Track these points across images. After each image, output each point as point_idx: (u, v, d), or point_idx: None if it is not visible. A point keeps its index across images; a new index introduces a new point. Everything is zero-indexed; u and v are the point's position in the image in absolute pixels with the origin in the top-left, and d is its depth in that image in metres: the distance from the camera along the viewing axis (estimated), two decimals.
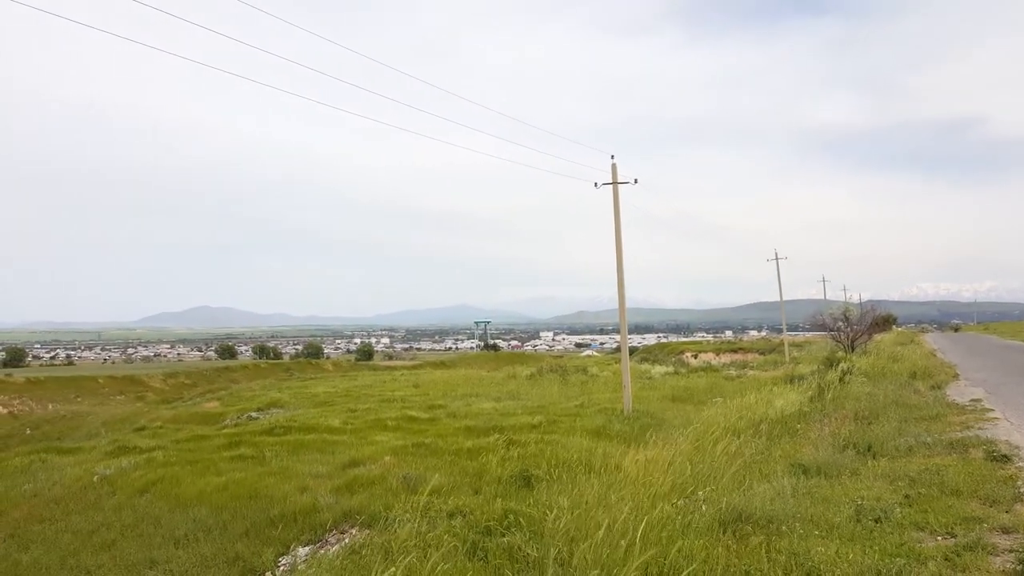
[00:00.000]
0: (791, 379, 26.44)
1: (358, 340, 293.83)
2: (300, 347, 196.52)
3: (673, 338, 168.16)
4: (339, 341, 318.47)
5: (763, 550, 6.76)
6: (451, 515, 9.55)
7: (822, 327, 45.63)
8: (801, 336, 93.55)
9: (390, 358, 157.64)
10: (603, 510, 7.53)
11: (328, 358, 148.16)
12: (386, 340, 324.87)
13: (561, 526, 7.51)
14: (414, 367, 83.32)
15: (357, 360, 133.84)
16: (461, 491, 11.24)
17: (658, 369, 43.11)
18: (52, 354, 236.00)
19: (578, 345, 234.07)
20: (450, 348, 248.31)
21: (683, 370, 43.65)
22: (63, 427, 39.00)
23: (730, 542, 7.13)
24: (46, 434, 36.14)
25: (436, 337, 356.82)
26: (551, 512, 8.06)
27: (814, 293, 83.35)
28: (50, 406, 76.97)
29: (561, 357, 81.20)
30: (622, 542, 6.44)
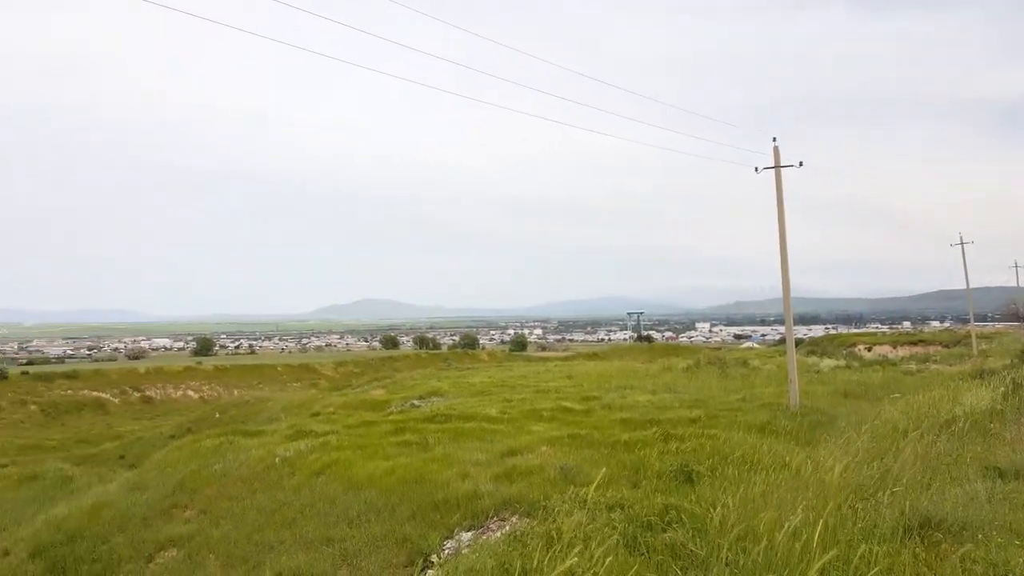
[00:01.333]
0: (980, 374, 24.64)
1: (511, 331, 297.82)
2: (457, 338, 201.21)
3: (842, 329, 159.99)
4: (493, 332, 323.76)
5: (957, 559, 6.30)
6: (610, 508, 9.59)
7: (1015, 317, 42.38)
8: (990, 327, 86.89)
9: (543, 349, 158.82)
10: (772, 510, 7.35)
11: (483, 348, 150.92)
12: (539, 331, 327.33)
13: (730, 525, 7.38)
14: (567, 358, 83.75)
15: (511, 351, 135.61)
16: (619, 484, 11.26)
17: (827, 362, 41.25)
18: (236, 344, 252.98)
19: (737, 337, 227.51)
20: (602, 339, 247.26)
21: (855, 363, 41.55)
22: (247, 411, 41.84)
23: (917, 549, 6.76)
24: (232, 418, 38.93)
25: (588, 328, 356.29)
26: (715, 509, 7.96)
27: (1005, 280, 76.95)
28: (235, 392, 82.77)
29: (719, 349, 79.32)
30: (796, 544, 6.25)
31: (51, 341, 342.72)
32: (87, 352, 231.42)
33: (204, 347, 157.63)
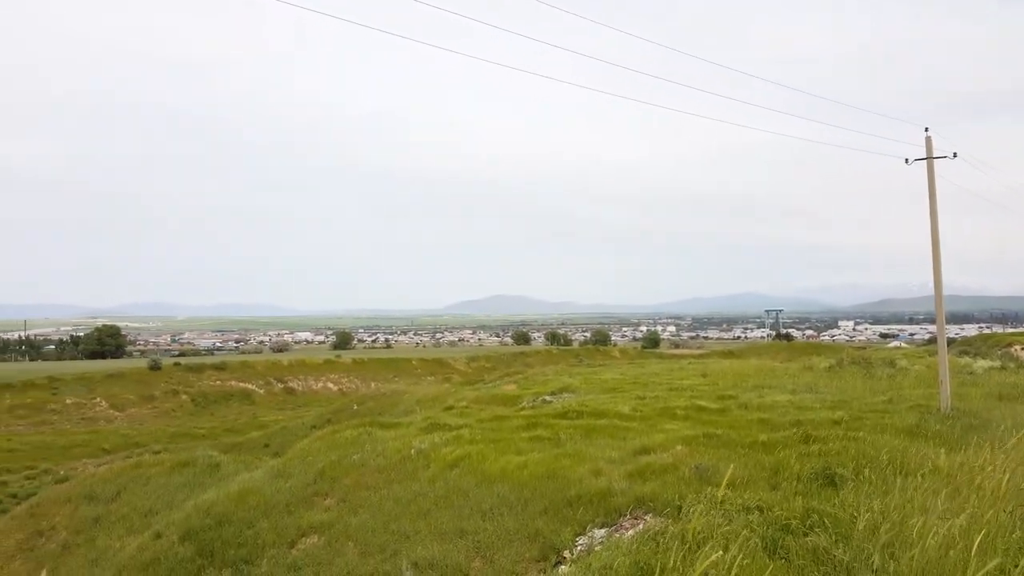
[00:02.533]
0: None
1: (644, 328, 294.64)
2: (588, 334, 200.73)
3: (997, 329, 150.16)
4: (625, 329, 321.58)
5: None
6: (747, 510, 9.26)
7: None
8: None
9: (676, 346, 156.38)
10: (923, 515, 6.90)
11: (615, 345, 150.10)
12: (672, 328, 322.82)
13: (877, 530, 6.98)
14: (701, 356, 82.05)
15: (643, 348, 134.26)
16: (757, 486, 10.86)
17: (980, 363, 38.68)
18: (373, 338, 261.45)
19: (883, 336, 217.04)
20: (738, 337, 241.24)
21: (1011, 364, 38.83)
22: (383, 403, 43.02)
23: None
24: (370, 410, 40.10)
25: (724, 325, 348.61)
26: (860, 514, 7.55)
27: None
28: (372, 384, 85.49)
29: (863, 348, 75.80)
30: (951, 553, 5.85)
31: (201, 334, 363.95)
32: (235, 345, 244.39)
33: (343, 341, 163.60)
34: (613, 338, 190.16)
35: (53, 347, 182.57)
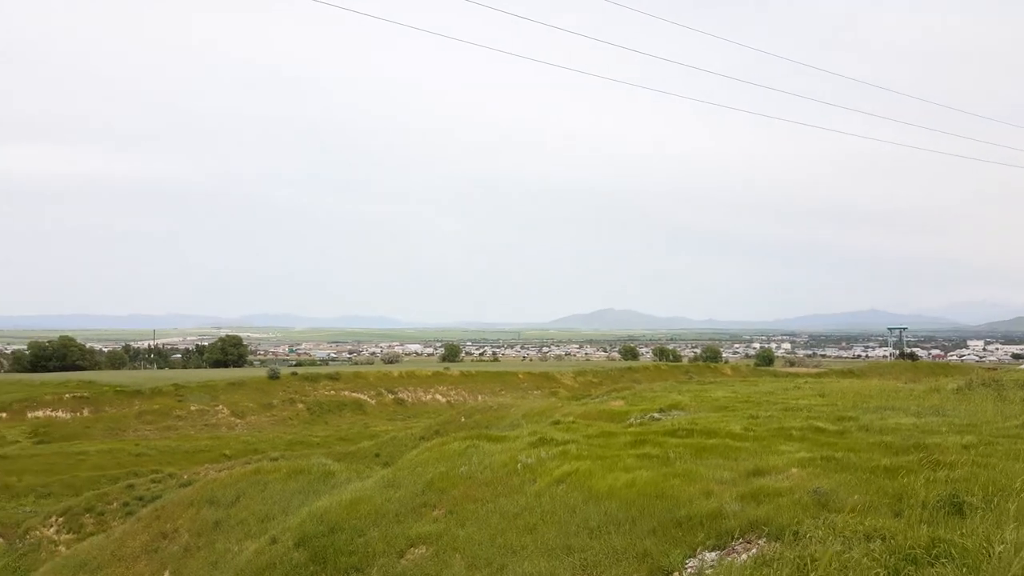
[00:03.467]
0: None
1: (757, 345, 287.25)
2: (698, 350, 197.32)
3: None
4: (737, 345, 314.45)
5: None
6: (868, 537, 8.82)
7: None
8: None
9: (791, 364, 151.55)
10: None
11: (726, 362, 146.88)
12: (787, 345, 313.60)
13: (1015, 564, 6.52)
14: (818, 375, 79.20)
15: (756, 365, 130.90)
16: (878, 512, 10.34)
17: None
18: (481, 351, 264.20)
19: (1016, 356, 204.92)
20: (859, 356, 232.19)
21: None
22: (490, 416, 43.26)
23: None
24: (477, 422, 40.40)
25: (843, 343, 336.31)
26: (993, 545, 7.08)
27: None
28: (479, 397, 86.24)
29: (994, 369, 71.75)
30: None
31: (317, 344, 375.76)
32: (348, 355, 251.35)
33: (451, 353, 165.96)
34: (724, 355, 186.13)
35: (180, 356, 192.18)
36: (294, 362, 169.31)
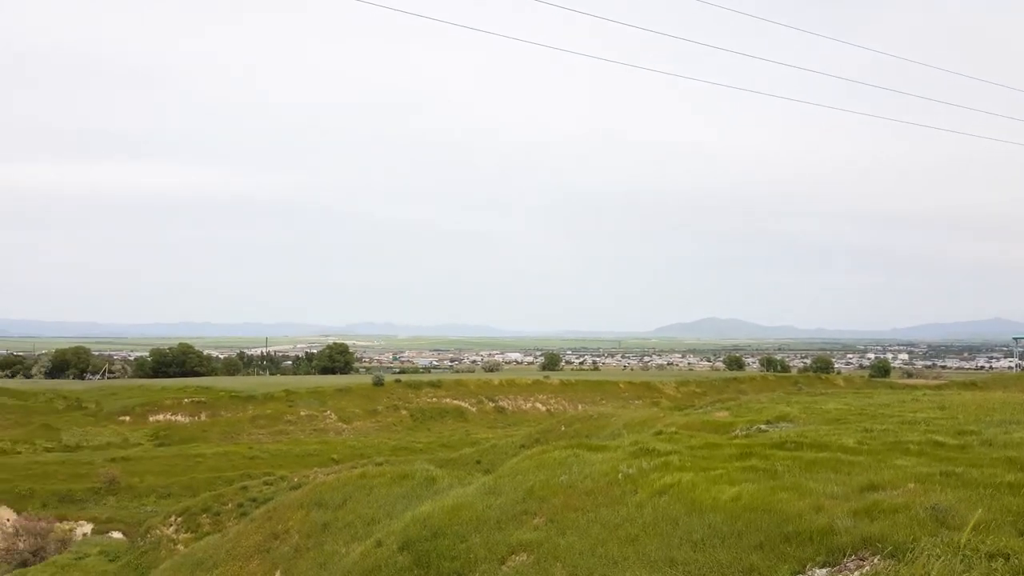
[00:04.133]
0: None
1: (871, 355, 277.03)
2: (808, 360, 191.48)
3: None
4: (850, 356, 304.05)
5: None
6: (991, 556, 8.31)
7: None
8: None
9: (909, 376, 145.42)
10: None
11: (838, 373, 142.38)
12: (904, 356, 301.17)
13: None
14: (938, 387, 75.69)
15: (871, 376, 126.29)
16: (1001, 530, 9.75)
17: None
18: (581, 360, 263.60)
19: None
20: (982, 367, 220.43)
21: None
22: (590, 426, 43.05)
23: None
24: (577, 431, 40.25)
25: (964, 354, 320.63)
26: None
27: None
28: (579, 406, 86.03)
29: None
30: None
31: (420, 352, 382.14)
32: (449, 363, 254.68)
33: (551, 362, 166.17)
34: (836, 365, 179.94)
35: (290, 363, 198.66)
36: (397, 369, 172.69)
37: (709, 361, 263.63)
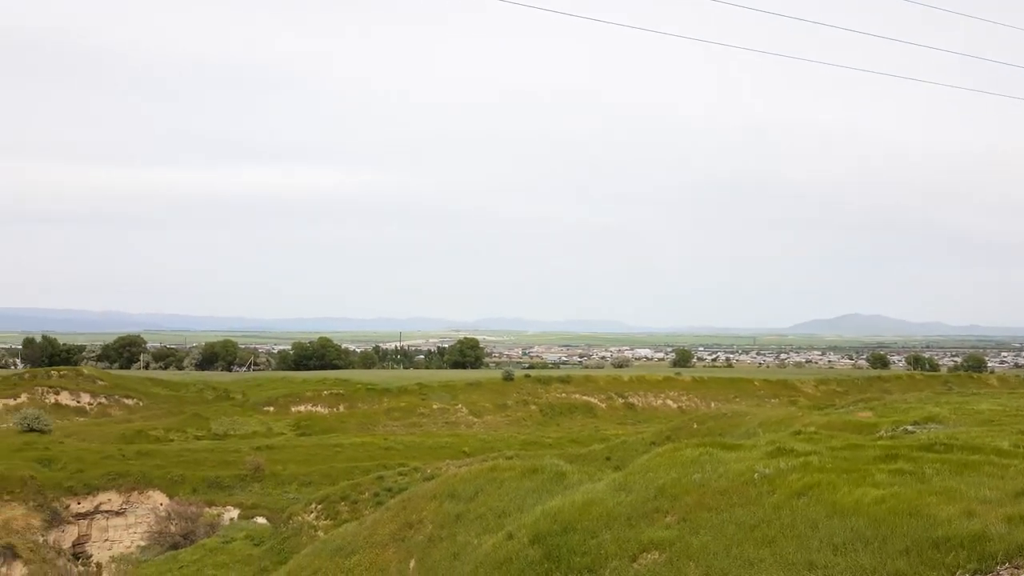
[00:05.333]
0: None
1: None
2: (958, 359, 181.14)
3: None
4: (1005, 354, 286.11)
5: None
6: None
7: None
8: None
9: None
10: None
11: (992, 372, 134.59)
12: None
13: None
14: None
15: None
16: None
17: None
18: (713, 356, 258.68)
19: None
20: None
21: None
22: (724, 424, 42.17)
23: None
24: (710, 429, 39.51)
25: None
26: None
27: None
28: (712, 404, 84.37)
29: None
30: None
31: (549, 348, 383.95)
32: (578, 359, 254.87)
33: (683, 358, 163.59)
34: (990, 364, 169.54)
35: (423, 356, 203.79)
36: (527, 364, 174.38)
37: (851, 359, 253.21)
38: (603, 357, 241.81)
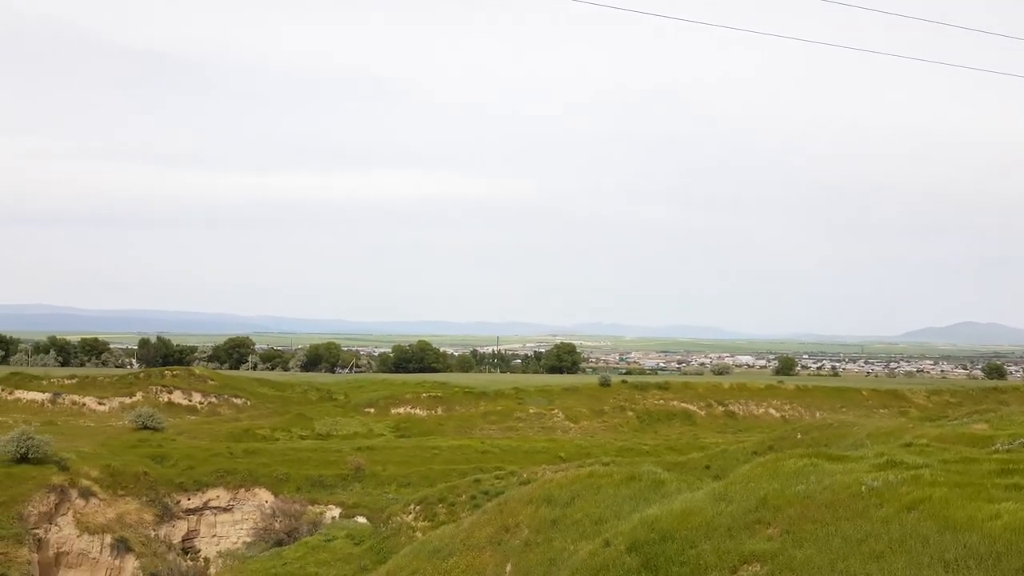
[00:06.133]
0: None
1: None
2: None
3: None
4: None
5: None
6: None
7: None
8: None
9: None
10: None
11: None
12: None
13: None
14: None
15: None
16: None
17: None
18: (818, 365, 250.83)
19: None
20: None
21: None
22: (829, 435, 40.89)
23: None
24: (814, 440, 38.40)
25: None
26: None
27: None
28: (817, 414, 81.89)
29: None
30: None
31: (647, 354, 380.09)
32: (677, 365, 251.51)
33: (786, 366, 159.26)
34: None
35: (519, 361, 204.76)
36: (624, 370, 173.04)
37: (965, 369, 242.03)
38: (703, 364, 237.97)
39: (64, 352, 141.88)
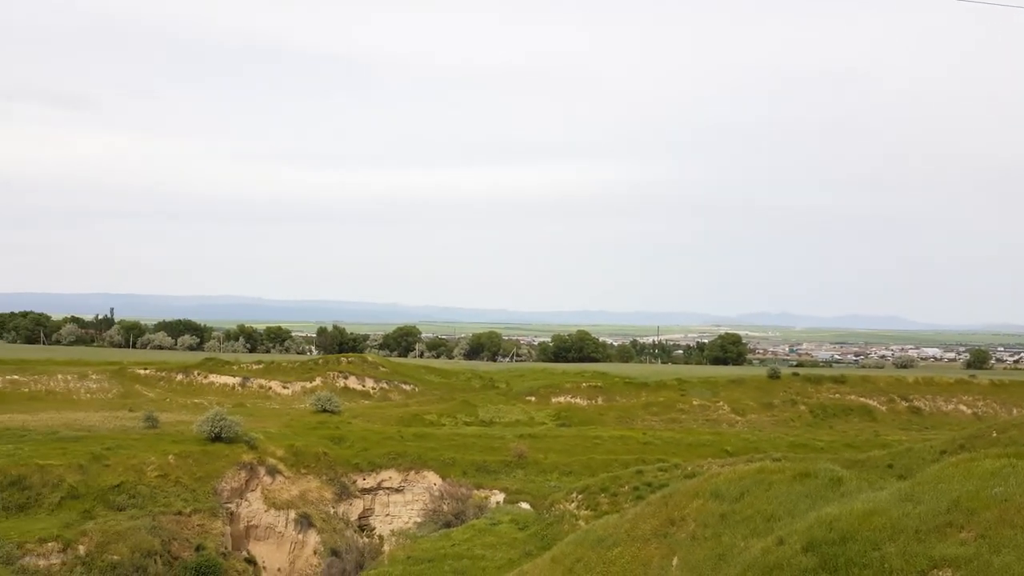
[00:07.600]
0: None
1: None
2: None
3: None
4: None
5: None
6: None
7: None
8: None
9: None
10: None
11: None
12: None
13: None
14: None
15: None
16: None
17: None
18: (1015, 357, 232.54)
19: None
20: None
21: None
22: None
23: None
24: (1012, 439, 35.32)
25: None
26: None
27: None
28: (1015, 411, 75.56)
29: None
30: None
31: (819, 345, 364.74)
32: (853, 358, 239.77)
33: (978, 359, 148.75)
34: None
35: (681, 351, 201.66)
36: (794, 362, 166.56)
37: None
38: (883, 356, 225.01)
39: (251, 339, 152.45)
